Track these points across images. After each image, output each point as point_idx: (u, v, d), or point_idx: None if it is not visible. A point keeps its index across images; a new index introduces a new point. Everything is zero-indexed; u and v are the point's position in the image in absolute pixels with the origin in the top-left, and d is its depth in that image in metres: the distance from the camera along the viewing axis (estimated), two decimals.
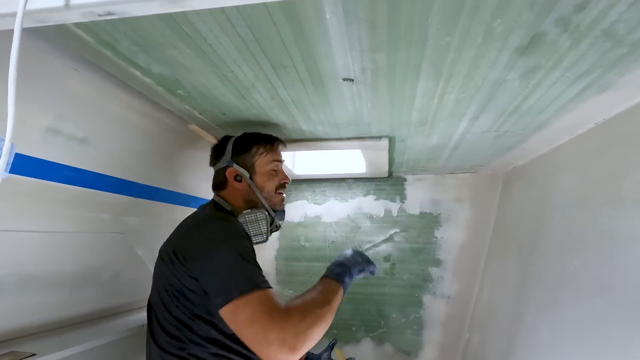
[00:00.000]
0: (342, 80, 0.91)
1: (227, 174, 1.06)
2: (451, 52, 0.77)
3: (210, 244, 0.79)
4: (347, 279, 0.89)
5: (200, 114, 1.20)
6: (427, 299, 1.98)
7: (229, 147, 1.08)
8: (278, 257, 2.16)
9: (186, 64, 0.85)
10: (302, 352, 0.68)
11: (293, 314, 0.70)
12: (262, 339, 0.66)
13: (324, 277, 0.89)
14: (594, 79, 0.87)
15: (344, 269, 0.91)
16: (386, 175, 2.02)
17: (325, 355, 1.28)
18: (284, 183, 1.12)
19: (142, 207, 1.32)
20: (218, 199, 1.06)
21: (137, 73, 0.91)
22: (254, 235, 1.05)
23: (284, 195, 1.14)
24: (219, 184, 1.09)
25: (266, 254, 2.16)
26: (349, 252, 1.02)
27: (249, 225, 1.05)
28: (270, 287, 0.74)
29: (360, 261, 0.98)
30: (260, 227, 1.08)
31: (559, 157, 1.34)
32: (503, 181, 1.88)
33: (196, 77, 0.92)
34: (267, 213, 1.07)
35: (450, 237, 1.97)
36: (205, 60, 0.82)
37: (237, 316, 0.69)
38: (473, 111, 1.10)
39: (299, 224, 2.15)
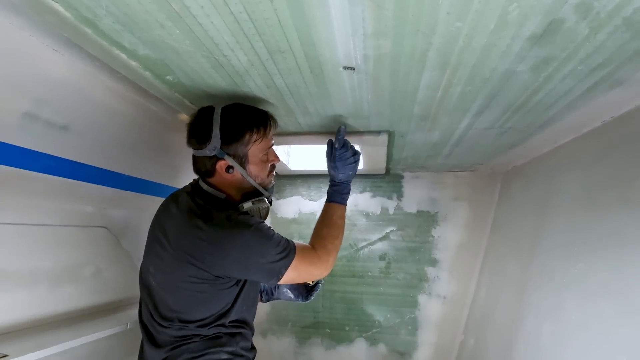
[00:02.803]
0: (342, 69, 0.86)
1: (217, 167, 0.94)
2: (461, 39, 0.71)
3: (244, 251, 0.86)
4: (347, 196, 1.14)
5: (191, 103, 1.13)
6: (422, 299, 1.95)
7: (216, 131, 0.92)
8: None
9: (175, 46, 0.78)
10: (333, 260, 1.03)
11: (321, 253, 0.99)
12: (310, 277, 1.01)
13: (333, 202, 1.12)
14: (607, 73, 0.83)
15: (343, 189, 1.13)
16: (383, 172, 1.98)
17: None
18: (274, 163, 1.06)
19: (128, 200, 1.25)
20: (209, 189, 0.97)
21: (122, 55, 0.85)
22: None
23: (274, 172, 1.09)
24: (205, 172, 0.97)
25: None
26: (329, 169, 1.15)
27: (252, 214, 1.00)
28: (291, 243, 0.93)
29: (339, 169, 1.13)
30: (261, 215, 1.03)
31: (562, 157, 1.30)
32: (502, 180, 1.84)
33: (186, 62, 0.86)
34: (267, 201, 1.03)
35: (448, 237, 1.93)
36: (195, 42, 0.76)
37: (287, 278, 0.90)
38: (478, 106, 1.05)
39: (293, 221, 2.10)
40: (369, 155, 1.64)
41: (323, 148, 1.19)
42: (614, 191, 0.99)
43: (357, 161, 1.15)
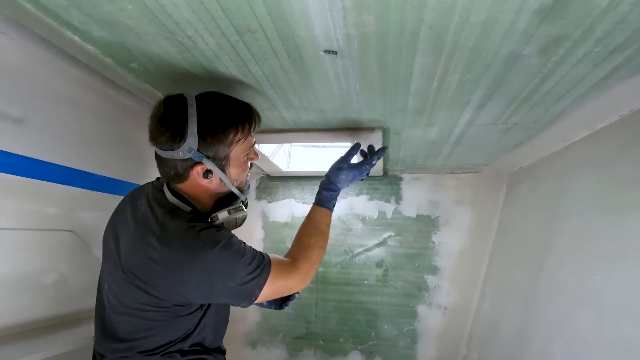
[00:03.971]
0: (323, 53, 0.76)
1: (193, 172, 0.78)
2: (456, 14, 0.61)
3: (206, 276, 0.74)
4: (334, 201, 1.02)
5: (164, 95, 1.04)
6: (422, 309, 1.83)
7: (192, 128, 0.75)
8: None
9: (132, 26, 0.69)
10: (314, 271, 0.91)
11: (302, 265, 0.87)
12: (288, 292, 0.86)
13: (322, 207, 0.99)
14: (628, 56, 0.72)
15: (337, 195, 1.02)
16: (381, 173, 1.87)
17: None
18: (252, 162, 0.93)
19: (100, 201, 1.16)
20: (174, 200, 0.81)
21: (76, 38, 0.76)
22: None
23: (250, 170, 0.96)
24: (174, 176, 0.80)
25: None
26: (337, 170, 1.04)
27: (227, 226, 0.87)
28: (266, 257, 0.81)
29: (348, 178, 1.03)
30: (237, 224, 0.90)
31: (574, 156, 1.19)
32: (508, 182, 1.72)
33: (148, 45, 0.76)
34: (243, 207, 0.90)
35: (449, 243, 1.81)
36: (153, 20, 0.66)
37: (262, 297, 0.78)
38: (479, 97, 0.94)
39: (286, 225, 1.99)
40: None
41: (317, 148, 1.09)
42: (633, 194, 0.87)
43: (363, 178, 1.07)
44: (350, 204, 1.95)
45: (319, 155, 2.51)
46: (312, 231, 0.95)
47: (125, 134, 1.19)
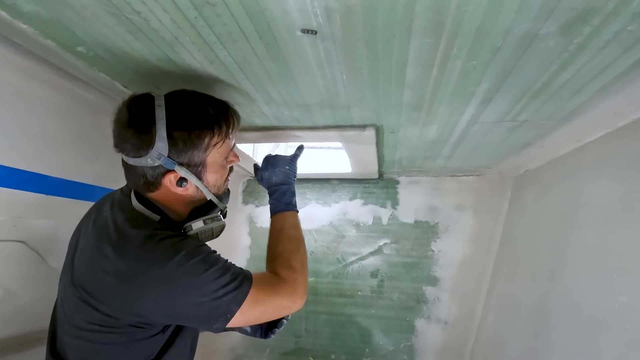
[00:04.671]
0: (300, 34, 0.63)
1: (165, 181, 0.70)
2: None
3: (167, 290, 0.64)
4: (292, 199, 0.90)
5: (126, 87, 0.91)
6: (420, 323, 1.69)
7: (161, 133, 0.66)
8: (249, 269, 1.86)
9: None
10: (305, 282, 0.79)
11: (285, 275, 0.76)
12: (279, 311, 0.74)
13: (277, 213, 0.88)
14: None
15: (290, 193, 0.90)
16: (376, 176, 1.75)
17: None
18: (232, 165, 0.84)
19: (57, 207, 1.03)
20: (142, 209, 0.72)
21: (2, 13, 0.63)
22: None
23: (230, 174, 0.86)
24: (143, 185, 0.71)
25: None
26: (278, 171, 0.92)
27: (201, 237, 0.78)
28: (245, 271, 0.72)
29: (289, 172, 0.92)
30: (213, 235, 0.80)
31: (589, 157, 1.06)
32: (513, 187, 1.60)
33: (91, 24, 0.64)
34: (221, 216, 0.80)
35: (449, 251, 1.68)
36: None
37: (245, 318, 0.68)
38: (485, 90, 0.82)
39: None
40: (356, 156, 1.41)
41: (312, 150, 0.96)
42: None
43: (292, 162, 0.93)
44: (343, 209, 1.82)
45: (309, 158, 2.40)
46: (274, 241, 0.83)
47: (88, 132, 1.06)
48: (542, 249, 1.18)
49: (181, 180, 0.70)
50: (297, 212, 0.89)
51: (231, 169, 0.84)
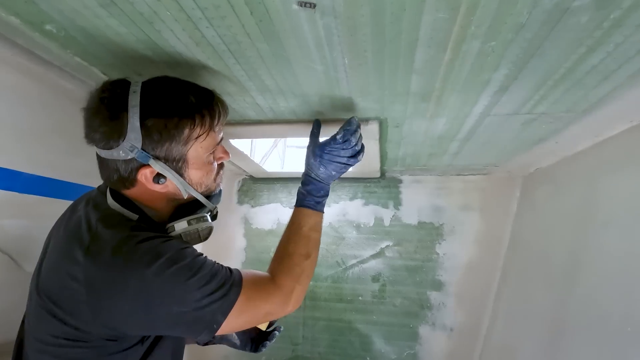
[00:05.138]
0: (297, 7, 0.55)
1: (140, 176, 0.64)
2: None
3: (144, 299, 0.57)
4: (323, 200, 0.84)
5: (105, 74, 0.83)
6: (424, 330, 1.61)
7: (134, 122, 0.59)
8: None
9: None
10: (303, 292, 0.74)
11: (284, 281, 0.70)
12: (265, 318, 0.68)
13: (303, 207, 0.82)
14: None
15: (319, 190, 0.83)
16: (378, 175, 1.67)
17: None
18: (222, 162, 0.77)
19: (32, 206, 0.95)
20: (119, 208, 0.65)
21: None
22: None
23: (222, 172, 0.78)
24: (118, 181, 0.65)
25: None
26: (309, 158, 0.84)
27: (186, 240, 0.70)
28: (235, 274, 0.65)
29: (338, 173, 0.84)
30: (200, 238, 0.72)
31: (610, 153, 0.99)
32: (522, 186, 1.52)
33: None
34: (208, 216, 0.73)
35: (455, 254, 1.61)
36: None
37: (232, 325, 0.62)
38: (502, 77, 0.74)
39: (270, 232, 1.78)
40: None
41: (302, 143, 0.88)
42: None
43: (349, 164, 0.84)
44: (343, 210, 1.74)
45: (298, 151, 2.31)
46: (289, 237, 0.79)
47: (65, 123, 0.98)
48: (558, 253, 1.10)
49: (158, 177, 0.64)
50: (323, 214, 0.84)
51: (221, 166, 0.77)
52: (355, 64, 0.71)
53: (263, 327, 0.89)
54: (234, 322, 0.62)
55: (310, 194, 0.83)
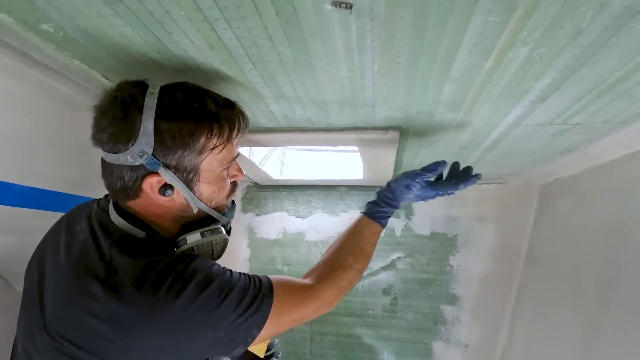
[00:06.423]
0: (331, 8, 0.49)
1: (146, 185, 0.58)
2: None
3: (177, 333, 0.54)
4: (387, 220, 0.83)
5: (106, 78, 0.76)
6: (437, 346, 1.56)
7: (147, 125, 0.55)
8: None
9: None
10: (339, 298, 0.71)
11: (324, 290, 0.68)
12: (299, 323, 0.65)
13: (369, 216, 0.82)
14: None
15: (390, 212, 0.83)
16: None
17: None
18: (236, 180, 0.72)
19: (24, 220, 0.88)
20: (123, 223, 0.60)
21: None
22: None
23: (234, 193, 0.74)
24: (120, 191, 0.60)
25: None
26: (406, 186, 0.82)
27: (198, 252, 0.66)
28: (265, 284, 0.61)
29: (414, 197, 0.84)
30: (214, 253, 0.68)
31: None
32: (539, 196, 1.47)
33: None
34: (224, 230, 0.68)
35: (470, 267, 1.56)
36: None
37: (263, 336, 0.59)
38: (544, 86, 0.68)
39: (276, 242, 1.72)
40: (372, 161, 1.27)
41: (312, 152, 0.83)
42: None
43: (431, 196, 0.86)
44: (353, 219, 1.67)
45: (314, 161, 2.24)
46: (352, 248, 0.76)
47: (61, 131, 0.91)
48: (588, 270, 1.04)
49: (165, 187, 0.59)
50: (383, 229, 0.83)
51: (234, 184, 0.72)
52: (386, 70, 0.65)
53: (261, 353, 0.84)
54: (266, 332, 0.60)
55: (380, 207, 0.82)
